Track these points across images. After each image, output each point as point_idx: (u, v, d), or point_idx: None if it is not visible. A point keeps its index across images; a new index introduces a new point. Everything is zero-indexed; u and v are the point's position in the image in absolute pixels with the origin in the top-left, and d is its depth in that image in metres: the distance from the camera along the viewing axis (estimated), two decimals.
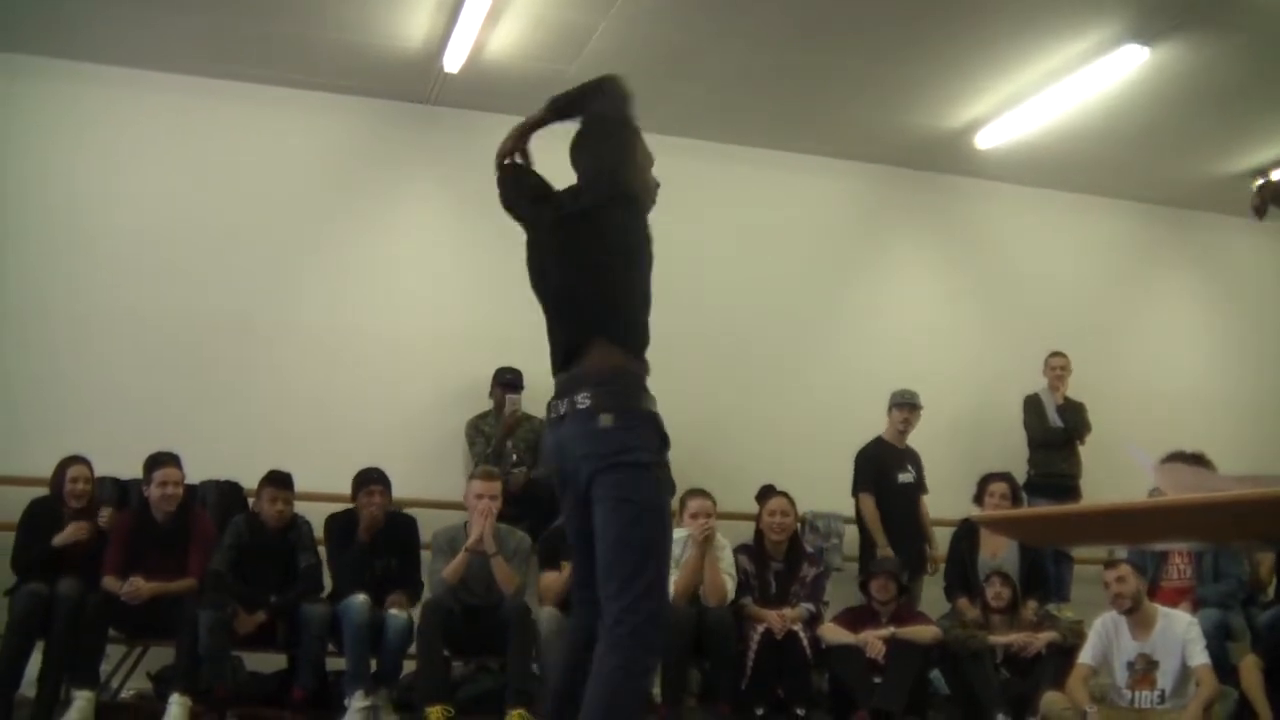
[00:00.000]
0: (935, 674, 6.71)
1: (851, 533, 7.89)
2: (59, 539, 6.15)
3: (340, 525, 6.68)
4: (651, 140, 3.41)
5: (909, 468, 7.79)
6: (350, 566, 6.50)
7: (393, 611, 6.29)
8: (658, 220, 3.42)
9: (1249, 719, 5.96)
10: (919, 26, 6.99)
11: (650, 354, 3.32)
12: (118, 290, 7.47)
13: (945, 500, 7.85)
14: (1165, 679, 5.67)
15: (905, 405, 7.83)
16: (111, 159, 7.62)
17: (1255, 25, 6.83)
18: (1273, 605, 6.90)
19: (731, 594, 6.46)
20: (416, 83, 7.82)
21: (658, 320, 3.33)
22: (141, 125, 7.69)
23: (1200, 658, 5.64)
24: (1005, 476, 7.35)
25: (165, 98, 7.73)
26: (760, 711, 6.31)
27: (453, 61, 7.26)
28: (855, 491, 7.70)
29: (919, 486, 7.82)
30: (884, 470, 7.71)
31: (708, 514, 6.45)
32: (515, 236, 3.49)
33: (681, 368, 7.79)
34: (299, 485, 6.59)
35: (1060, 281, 9.34)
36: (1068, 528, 3.44)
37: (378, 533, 6.56)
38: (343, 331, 7.82)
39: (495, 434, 7.35)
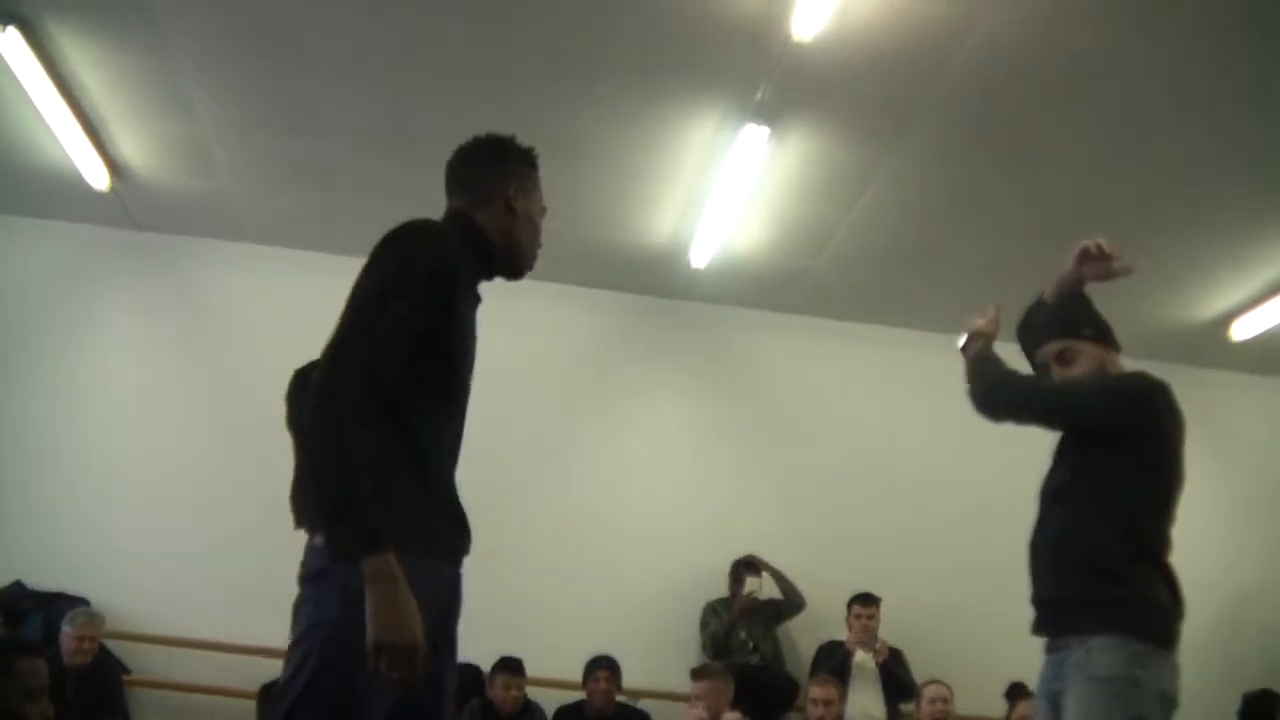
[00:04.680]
0: None
1: None
2: None
3: (569, 716, 6.77)
4: (892, 334, 3.42)
5: None
6: None
7: None
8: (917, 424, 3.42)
9: None
10: (1166, 215, 6.82)
11: (898, 556, 3.27)
12: None
13: None
14: None
15: None
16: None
17: None
18: None
19: None
20: (663, 277, 7.99)
21: (907, 523, 3.30)
22: None
23: None
24: None
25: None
26: None
27: (699, 257, 7.44)
28: None
29: None
30: None
31: None
32: (753, 430, 3.52)
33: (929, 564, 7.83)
34: (530, 670, 6.66)
35: None
36: None
37: None
38: (577, 519, 7.89)
39: (727, 618, 7.30)
